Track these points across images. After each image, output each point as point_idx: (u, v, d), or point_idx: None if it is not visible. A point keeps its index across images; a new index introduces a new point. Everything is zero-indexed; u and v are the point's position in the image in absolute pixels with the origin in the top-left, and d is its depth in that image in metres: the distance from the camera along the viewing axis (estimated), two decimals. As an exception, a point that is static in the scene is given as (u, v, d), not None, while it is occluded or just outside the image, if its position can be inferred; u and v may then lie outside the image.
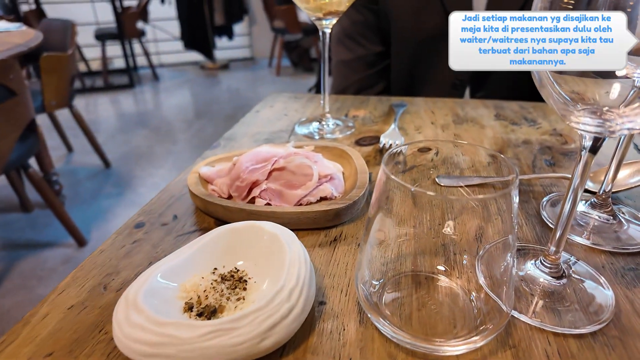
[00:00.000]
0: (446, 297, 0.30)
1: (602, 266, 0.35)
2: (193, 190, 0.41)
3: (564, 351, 0.27)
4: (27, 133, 1.57)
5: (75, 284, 0.33)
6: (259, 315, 0.25)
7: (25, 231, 1.89)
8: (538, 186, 0.46)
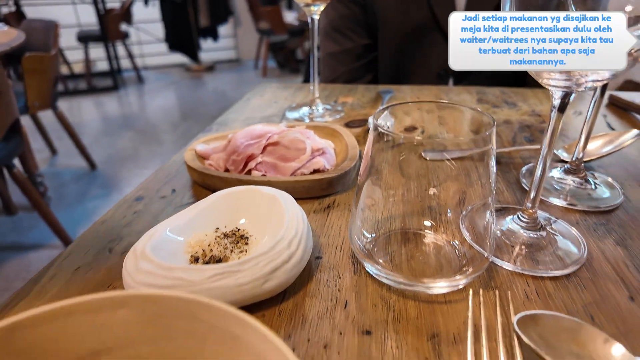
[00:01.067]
0: (433, 248, 0.33)
1: (577, 222, 0.37)
2: (191, 165, 0.43)
3: (541, 291, 0.30)
4: (11, 133, 1.55)
5: (79, 250, 0.35)
6: (261, 260, 0.27)
7: (9, 234, 1.86)
8: (518, 158, 0.49)
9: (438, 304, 0.28)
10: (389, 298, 0.29)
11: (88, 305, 0.18)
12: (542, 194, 0.41)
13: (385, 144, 0.34)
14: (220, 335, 0.18)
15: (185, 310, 0.18)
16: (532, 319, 0.24)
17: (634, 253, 0.33)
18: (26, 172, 1.85)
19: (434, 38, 0.83)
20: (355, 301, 0.29)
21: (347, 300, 0.29)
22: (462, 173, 0.34)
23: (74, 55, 3.76)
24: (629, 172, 0.46)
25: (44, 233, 1.78)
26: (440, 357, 0.25)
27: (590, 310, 0.28)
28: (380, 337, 0.26)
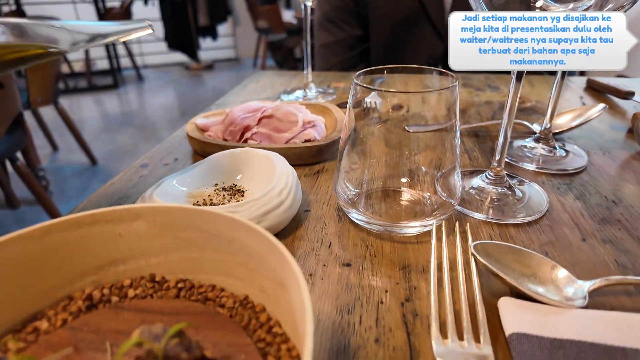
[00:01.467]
0: (409, 201, 0.36)
1: (543, 182, 0.41)
2: (192, 135, 0.47)
3: (504, 235, 0.33)
4: (14, 127, 1.59)
5: (90, 205, 0.38)
6: (255, 204, 0.31)
7: (12, 227, 1.89)
8: (495, 132, 0.53)
9: (410, 243, 0.32)
10: (367, 239, 0.33)
11: (109, 214, 0.22)
12: (515, 160, 0.45)
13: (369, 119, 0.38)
14: (217, 241, 0.22)
15: (188, 221, 0.22)
16: (486, 247, 0.28)
17: (590, 205, 0.37)
18: (29, 166, 1.88)
19: (423, 27, 0.87)
20: (338, 242, 0.33)
21: (331, 242, 0.33)
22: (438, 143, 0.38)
23: (74, 54, 3.79)
24: (595, 141, 0.49)
25: (46, 226, 1.82)
26: (409, 282, 0.28)
27: (545, 248, 0.32)
28: (359, 267, 0.30)
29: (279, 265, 0.19)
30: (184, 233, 0.23)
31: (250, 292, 0.23)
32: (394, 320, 0.25)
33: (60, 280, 0.22)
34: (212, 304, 0.22)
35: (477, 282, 0.26)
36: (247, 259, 0.22)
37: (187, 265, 0.24)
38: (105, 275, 0.23)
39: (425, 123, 0.38)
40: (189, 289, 0.23)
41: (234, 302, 0.22)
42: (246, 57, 4.62)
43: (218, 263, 0.23)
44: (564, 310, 0.25)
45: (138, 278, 0.23)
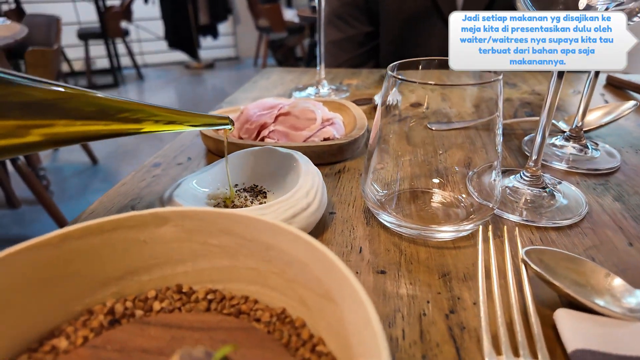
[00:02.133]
0: (441, 203, 0.34)
1: (577, 183, 0.39)
2: (206, 133, 0.44)
3: (545, 239, 0.31)
4: (15, 125, 1.56)
5: (102, 207, 0.36)
6: (282, 206, 0.29)
7: (13, 227, 1.87)
8: (519, 130, 0.51)
9: (447, 249, 0.30)
10: (400, 244, 0.31)
11: (133, 220, 0.19)
12: (545, 159, 0.43)
13: (392, 117, 0.36)
14: (252, 247, 0.20)
15: (221, 226, 0.20)
16: (538, 253, 0.26)
17: (631, 207, 0.35)
18: (29, 165, 1.86)
19: (434, 23, 0.85)
20: (369, 247, 0.30)
21: (362, 247, 0.31)
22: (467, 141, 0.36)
23: (73, 53, 3.76)
24: (626, 140, 0.47)
25: (47, 226, 1.79)
26: (452, 291, 0.26)
27: (591, 252, 0.30)
28: (394, 275, 0.28)
29: (326, 276, 0.17)
30: (215, 239, 0.20)
31: (287, 305, 0.20)
32: (440, 334, 0.23)
33: (78, 292, 0.20)
34: (247, 317, 0.20)
35: (529, 291, 0.24)
36: (285, 267, 0.20)
37: (217, 274, 0.21)
38: (127, 286, 0.21)
39: (460, 119, 0.36)
40: (220, 301, 0.21)
41: (271, 316, 0.20)
42: (247, 56, 4.59)
43: (252, 272, 0.21)
44: (626, 323, 0.22)
45: (163, 289, 0.21)
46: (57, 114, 0.24)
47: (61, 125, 0.24)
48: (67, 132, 0.24)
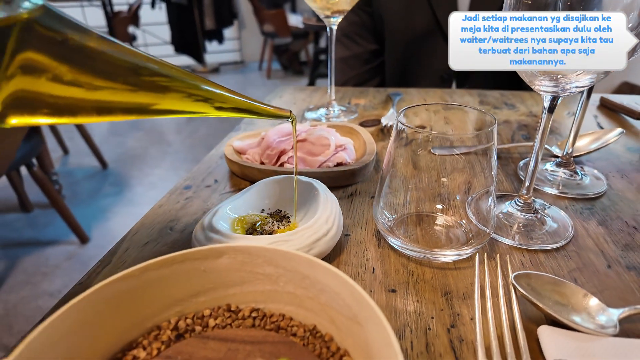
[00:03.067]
0: (443, 226, 0.39)
1: (566, 207, 0.44)
2: (231, 158, 0.49)
3: (534, 260, 0.36)
4: (31, 133, 1.62)
5: (144, 228, 0.41)
6: (306, 232, 0.33)
7: (26, 230, 1.93)
8: (516, 154, 0.55)
9: (449, 269, 0.35)
10: (408, 265, 0.35)
11: (198, 254, 0.24)
12: (537, 184, 0.47)
13: (400, 141, 0.40)
14: (291, 276, 0.25)
15: (267, 259, 0.25)
16: (525, 277, 0.30)
17: (613, 231, 0.40)
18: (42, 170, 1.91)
19: (437, 42, 0.89)
20: (381, 267, 0.35)
21: (374, 267, 0.35)
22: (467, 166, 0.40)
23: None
24: (614, 164, 0.52)
25: (59, 229, 1.85)
26: (453, 308, 0.31)
27: (574, 274, 0.34)
28: (403, 294, 0.32)
29: (355, 303, 0.22)
30: (260, 268, 0.25)
31: (318, 323, 0.25)
32: (443, 346, 0.28)
33: (151, 312, 0.24)
34: (285, 332, 0.25)
35: (517, 309, 0.29)
36: (318, 293, 0.24)
37: (260, 296, 0.26)
38: (187, 306, 0.25)
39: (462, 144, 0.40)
40: (262, 318, 0.26)
41: (304, 331, 0.25)
42: (251, 60, 4.65)
43: (289, 295, 0.25)
44: (598, 338, 0.27)
45: (216, 308, 0.26)
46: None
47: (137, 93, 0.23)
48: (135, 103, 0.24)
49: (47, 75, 0.21)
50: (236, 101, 0.29)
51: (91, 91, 0.22)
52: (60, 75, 0.21)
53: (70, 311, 0.20)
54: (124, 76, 0.23)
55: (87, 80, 0.22)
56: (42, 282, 1.61)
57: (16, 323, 1.43)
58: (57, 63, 0.21)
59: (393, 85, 0.98)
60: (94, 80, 0.22)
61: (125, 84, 0.23)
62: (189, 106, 0.26)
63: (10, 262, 1.71)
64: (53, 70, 0.21)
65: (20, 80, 0.20)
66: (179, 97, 0.25)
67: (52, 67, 0.21)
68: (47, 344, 0.19)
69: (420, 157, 0.40)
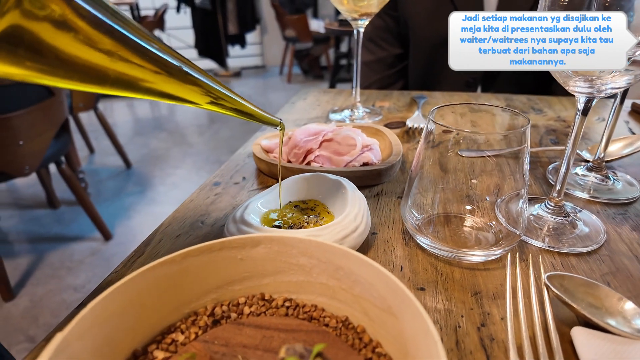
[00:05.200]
0: (472, 227, 0.39)
1: (597, 212, 0.43)
2: (259, 156, 0.50)
3: (565, 264, 0.35)
4: (61, 132, 1.67)
5: (176, 221, 0.42)
6: (335, 228, 0.34)
7: (53, 226, 1.99)
8: (544, 158, 0.55)
9: (478, 270, 0.35)
10: (437, 264, 0.35)
11: (236, 242, 0.25)
12: (567, 188, 0.47)
13: (430, 142, 0.40)
14: (324, 267, 0.25)
15: (302, 249, 0.25)
16: (558, 278, 0.30)
17: (647, 237, 0.39)
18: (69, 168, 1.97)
19: None
20: (409, 266, 0.35)
21: (402, 265, 0.35)
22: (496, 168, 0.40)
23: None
24: (647, 171, 0.51)
25: (84, 226, 1.90)
26: (482, 308, 0.31)
27: (607, 278, 0.34)
28: (433, 292, 0.32)
29: (391, 295, 0.22)
30: (294, 259, 0.26)
31: (350, 314, 0.25)
32: (473, 344, 0.28)
33: (188, 298, 0.25)
34: (317, 322, 0.25)
35: (550, 310, 0.29)
36: (352, 285, 0.25)
37: (293, 286, 0.27)
38: (223, 293, 0.26)
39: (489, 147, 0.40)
40: (295, 308, 0.26)
41: (337, 322, 0.25)
42: (273, 64, 4.70)
43: (322, 286, 0.26)
44: (634, 341, 0.27)
45: (250, 296, 0.26)
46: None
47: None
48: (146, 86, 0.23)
49: (50, 15, 0.18)
50: (230, 99, 0.29)
51: (90, 50, 0.20)
52: (64, 22, 0.19)
53: (117, 292, 0.21)
54: (126, 44, 0.22)
55: (90, 37, 0.20)
56: (67, 277, 1.65)
57: (42, 315, 1.47)
58: (66, 8, 0.19)
59: (416, 89, 0.97)
60: (98, 38, 0.20)
61: (125, 53, 0.22)
62: (183, 92, 0.25)
63: (37, 256, 1.76)
64: (57, 14, 0.19)
65: (18, 14, 0.18)
66: (174, 81, 0.25)
67: (58, 9, 0.19)
68: (95, 323, 0.20)
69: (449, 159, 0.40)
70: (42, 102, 1.47)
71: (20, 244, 1.85)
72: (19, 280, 1.62)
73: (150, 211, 2.07)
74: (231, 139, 2.89)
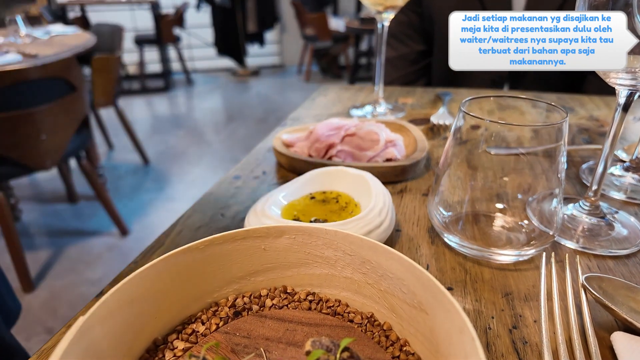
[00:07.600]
0: (502, 227, 0.37)
1: (635, 213, 0.41)
2: (280, 150, 0.49)
3: (602, 266, 0.34)
4: (82, 127, 1.70)
5: (196, 213, 0.42)
6: (359, 223, 0.33)
7: (72, 220, 2.02)
8: (577, 157, 0.52)
9: (509, 271, 0.33)
10: (465, 264, 0.34)
11: (259, 231, 0.24)
12: (603, 188, 0.44)
13: (458, 138, 0.39)
14: (350, 260, 0.24)
15: (327, 240, 0.24)
16: (597, 280, 0.28)
17: (690, 241, 0.36)
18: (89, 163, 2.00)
19: None
20: (436, 265, 0.34)
21: (428, 264, 0.34)
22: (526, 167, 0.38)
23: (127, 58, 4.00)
24: (687, 172, 0.48)
25: (102, 221, 1.93)
26: (514, 309, 0.29)
27: (648, 283, 0.32)
28: (461, 292, 0.31)
29: (422, 291, 0.21)
30: (319, 251, 0.25)
31: (376, 310, 0.24)
32: (505, 346, 0.26)
33: (211, 287, 0.24)
34: (341, 318, 0.24)
35: (588, 313, 0.27)
36: (379, 279, 0.23)
37: (316, 279, 0.26)
38: (245, 284, 0.25)
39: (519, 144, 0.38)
40: (318, 302, 0.25)
41: (362, 318, 0.24)
42: (291, 63, 4.71)
43: (347, 280, 0.25)
44: (683, 349, 0.25)
45: (272, 288, 0.26)
46: None
47: None
48: None
49: None
50: None
51: None
52: None
53: (139, 278, 0.21)
54: None
55: None
56: (85, 271, 1.68)
57: (60, 308, 1.50)
58: None
59: (440, 86, 0.95)
60: None
61: None
62: None
63: (57, 250, 1.79)
64: None
65: None
66: None
67: None
68: (117, 307, 0.19)
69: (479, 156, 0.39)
70: (65, 97, 1.50)
71: (40, 237, 1.89)
72: (38, 272, 1.65)
73: (167, 208, 2.09)
74: (247, 138, 2.90)
